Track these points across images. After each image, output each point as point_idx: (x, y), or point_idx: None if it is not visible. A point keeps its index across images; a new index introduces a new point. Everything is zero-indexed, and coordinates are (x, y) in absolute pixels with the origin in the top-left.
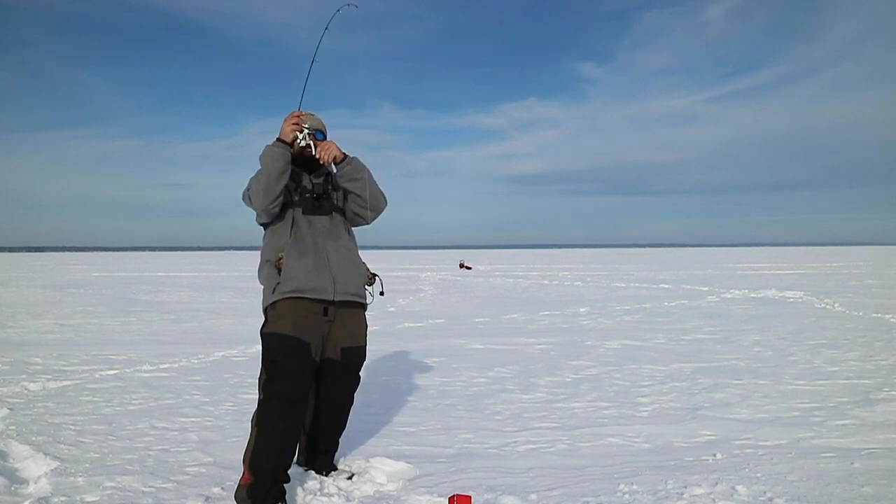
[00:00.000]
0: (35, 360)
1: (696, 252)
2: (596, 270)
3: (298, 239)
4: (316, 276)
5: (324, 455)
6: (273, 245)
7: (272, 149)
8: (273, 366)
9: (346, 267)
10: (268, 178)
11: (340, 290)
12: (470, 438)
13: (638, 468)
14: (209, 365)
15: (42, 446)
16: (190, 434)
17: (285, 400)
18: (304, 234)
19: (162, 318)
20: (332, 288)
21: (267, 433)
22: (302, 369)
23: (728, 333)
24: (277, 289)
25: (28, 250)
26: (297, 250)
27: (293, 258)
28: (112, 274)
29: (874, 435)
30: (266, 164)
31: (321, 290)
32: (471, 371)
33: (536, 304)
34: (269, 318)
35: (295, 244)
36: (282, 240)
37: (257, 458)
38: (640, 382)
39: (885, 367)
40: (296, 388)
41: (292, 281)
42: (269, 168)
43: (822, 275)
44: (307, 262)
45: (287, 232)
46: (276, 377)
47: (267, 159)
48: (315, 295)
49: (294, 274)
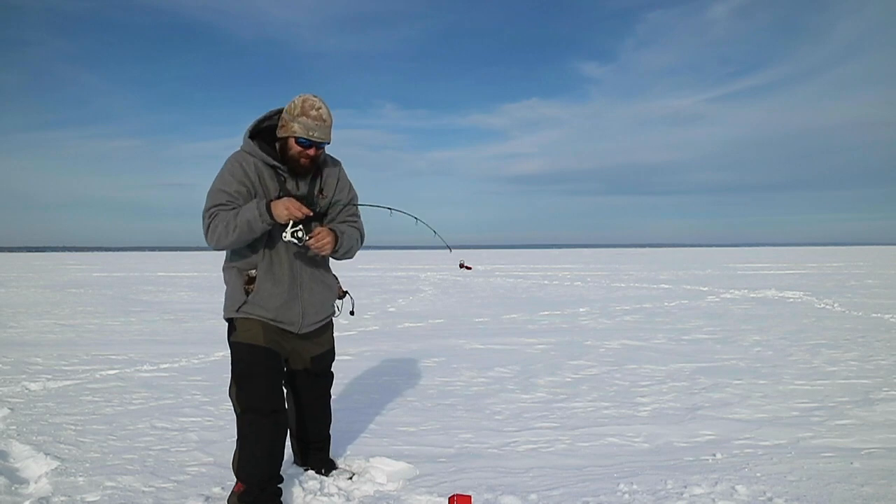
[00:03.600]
0: (35, 360)
1: (696, 252)
2: (596, 270)
3: (275, 262)
4: (286, 310)
5: (318, 452)
6: (244, 256)
7: (258, 222)
8: (244, 378)
9: (318, 292)
10: (237, 241)
11: (307, 323)
12: (470, 438)
13: (638, 468)
14: (209, 365)
15: (42, 446)
16: (190, 434)
17: (263, 413)
18: (280, 256)
19: (162, 318)
20: (299, 322)
21: (250, 446)
22: (275, 379)
23: (728, 333)
24: (243, 308)
25: (28, 250)
26: (272, 277)
27: (266, 284)
28: (112, 274)
29: (874, 435)
30: (242, 230)
31: (289, 323)
32: (471, 371)
33: (536, 304)
34: (237, 326)
35: (270, 269)
36: (255, 254)
37: (245, 469)
38: (640, 382)
39: (884, 367)
40: (270, 398)
41: (260, 309)
42: (244, 236)
43: (821, 275)
44: (280, 292)
45: (261, 248)
46: (248, 389)
47: (245, 227)
48: (282, 326)
49: (264, 303)
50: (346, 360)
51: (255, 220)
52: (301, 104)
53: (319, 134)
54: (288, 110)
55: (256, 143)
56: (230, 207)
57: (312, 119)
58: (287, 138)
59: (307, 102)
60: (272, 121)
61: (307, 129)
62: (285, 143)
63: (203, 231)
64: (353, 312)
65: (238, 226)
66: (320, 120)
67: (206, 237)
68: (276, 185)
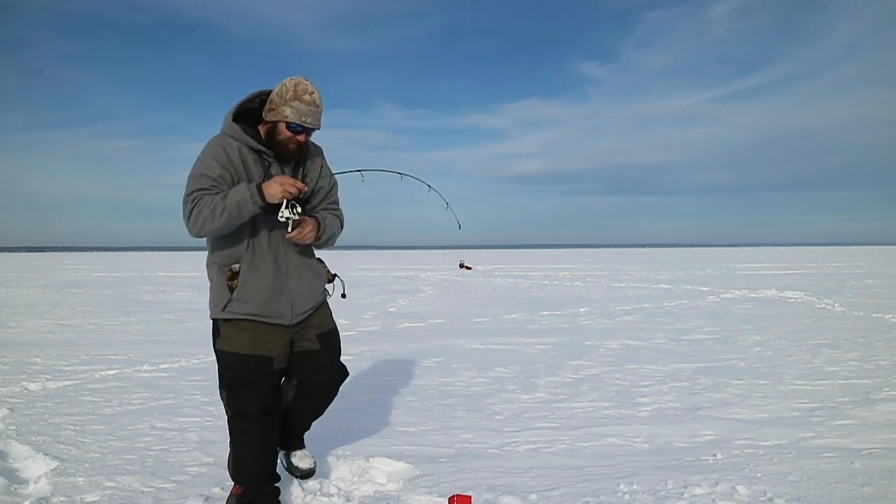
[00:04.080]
0: (35, 360)
1: (696, 252)
2: (596, 270)
3: (258, 254)
4: (273, 303)
5: (295, 437)
6: (225, 249)
7: (248, 205)
8: (233, 385)
9: (306, 281)
10: (223, 227)
11: (298, 313)
12: (470, 438)
13: (638, 468)
14: (209, 365)
15: (42, 446)
16: (190, 434)
17: (253, 418)
18: (263, 248)
19: (162, 318)
20: (289, 313)
21: (242, 450)
22: (266, 385)
23: (728, 333)
24: (228, 307)
25: (28, 250)
26: (256, 271)
27: (250, 277)
28: (112, 274)
29: (874, 435)
30: (231, 214)
31: (277, 316)
32: (471, 371)
33: (536, 304)
34: (222, 331)
35: (253, 261)
36: (237, 248)
37: (240, 471)
38: (640, 382)
39: (885, 367)
40: (261, 404)
41: (246, 305)
42: (232, 221)
43: (822, 275)
44: (265, 285)
45: (244, 238)
46: (239, 396)
47: (234, 210)
48: (270, 321)
49: (249, 298)
50: (346, 360)
51: (245, 202)
52: (294, 88)
53: (312, 120)
54: (278, 93)
55: (240, 127)
56: (214, 192)
57: (305, 104)
58: (276, 122)
59: (300, 86)
60: (254, 104)
61: (300, 115)
62: (274, 128)
63: (184, 217)
64: (345, 295)
65: (227, 208)
66: (314, 105)
67: (188, 223)
68: (261, 170)
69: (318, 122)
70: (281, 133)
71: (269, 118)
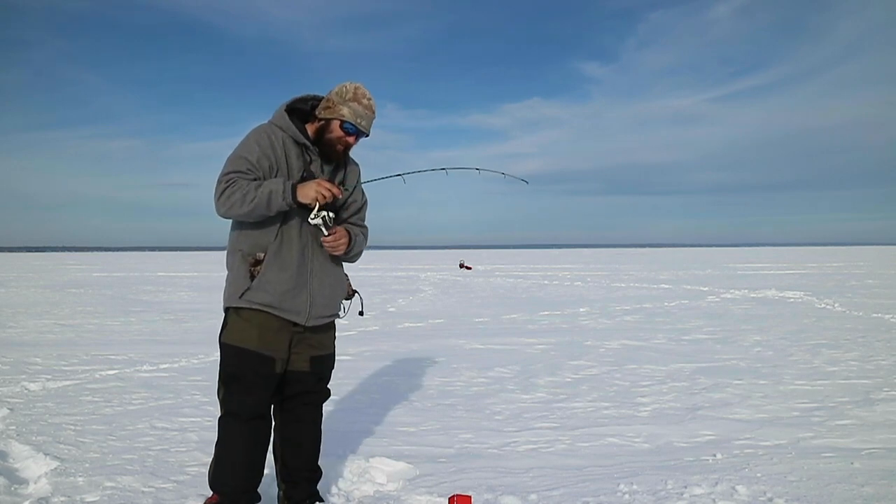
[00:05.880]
0: (35, 360)
1: (696, 252)
2: (596, 270)
3: (285, 245)
4: (292, 297)
5: (307, 483)
6: (252, 237)
7: (278, 199)
8: (232, 381)
9: (328, 284)
10: (250, 214)
11: (315, 315)
12: (470, 438)
13: (638, 468)
14: (209, 365)
15: (42, 446)
16: (190, 434)
17: (243, 419)
18: (291, 239)
19: (162, 318)
20: (306, 312)
21: (226, 453)
22: (264, 386)
23: (728, 333)
24: (246, 295)
25: (28, 250)
26: (280, 261)
27: (273, 268)
28: (112, 274)
29: (874, 435)
30: (260, 203)
31: (294, 312)
32: (471, 371)
33: (536, 304)
34: (230, 323)
35: (279, 252)
36: (264, 237)
37: (218, 479)
38: (640, 382)
39: (885, 367)
40: (256, 405)
41: (265, 294)
42: (259, 210)
43: (822, 275)
44: (287, 277)
45: (274, 230)
46: (234, 393)
47: (264, 201)
48: (286, 316)
49: (269, 288)
50: (346, 360)
51: (275, 196)
52: (353, 90)
53: (366, 123)
54: (338, 92)
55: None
56: (250, 177)
57: (363, 107)
58: (330, 120)
59: (360, 90)
60: (306, 104)
61: (356, 116)
62: (327, 125)
63: (215, 195)
64: (363, 313)
65: (257, 197)
66: (370, 110)
67: (217, 202)
68: (301, 164)
69: (370, 129)
70: (333, 131)
71: (325, 115)
